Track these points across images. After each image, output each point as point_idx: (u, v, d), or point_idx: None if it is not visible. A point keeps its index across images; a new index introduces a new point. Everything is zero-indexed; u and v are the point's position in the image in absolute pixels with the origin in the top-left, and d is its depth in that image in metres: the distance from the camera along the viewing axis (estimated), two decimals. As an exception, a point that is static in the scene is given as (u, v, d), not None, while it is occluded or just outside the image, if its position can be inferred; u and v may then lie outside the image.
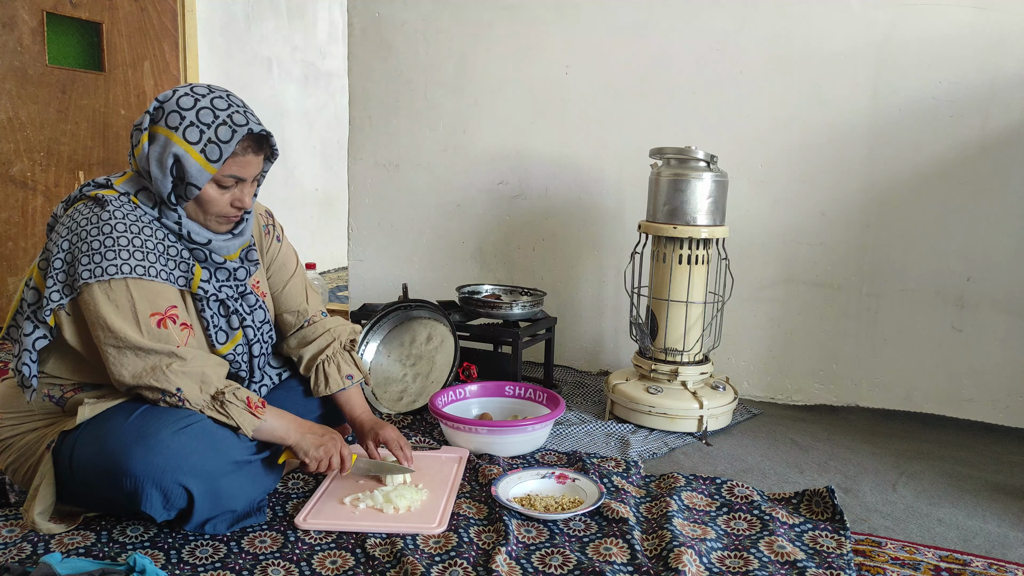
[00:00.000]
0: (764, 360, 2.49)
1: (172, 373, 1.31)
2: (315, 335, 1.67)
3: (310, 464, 1.47)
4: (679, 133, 2.45)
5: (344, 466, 1.52)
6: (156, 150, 1.34)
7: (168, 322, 1.33)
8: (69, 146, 3.10)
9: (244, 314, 1.51)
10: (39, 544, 1.34)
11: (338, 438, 1.52)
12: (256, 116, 1.40)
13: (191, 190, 1.35)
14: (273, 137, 1.42)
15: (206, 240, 1.41)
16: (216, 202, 1.38)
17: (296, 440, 1.45)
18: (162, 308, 1.34)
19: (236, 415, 1.36)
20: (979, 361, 2.25)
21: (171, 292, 1.37)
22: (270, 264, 1.64)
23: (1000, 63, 2.13)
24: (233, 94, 1.40)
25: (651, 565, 1.33)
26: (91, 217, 1.32)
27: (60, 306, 1.31)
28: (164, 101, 1.35)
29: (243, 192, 1.41)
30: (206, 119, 1.33)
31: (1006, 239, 2.19)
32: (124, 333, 1.29)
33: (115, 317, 1.29)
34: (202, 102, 1.34)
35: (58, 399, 1.38)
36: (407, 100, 2.85)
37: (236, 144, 1.34)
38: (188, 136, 1.32)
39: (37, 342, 1.33)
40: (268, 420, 1.41)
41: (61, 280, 1.30)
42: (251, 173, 1.41)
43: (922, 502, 1.69)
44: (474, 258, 2.85)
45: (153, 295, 1.33)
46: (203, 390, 1.34)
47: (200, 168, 1.33)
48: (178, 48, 3.47)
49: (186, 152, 1.32)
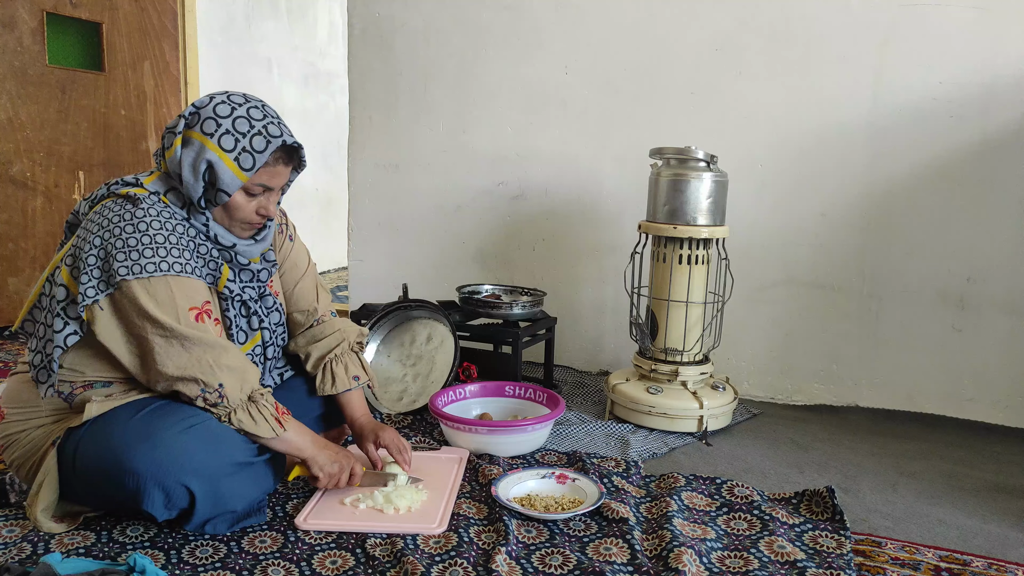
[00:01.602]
0: (764, 360, 2.49)
1: (218, 367, 1.32)
2: (324, 334, 1.68)
3: (322, 479, 1.47)
4: (679, 133, 2.45)
5: (353, 480, 1.53)
6: (190, 154, 1.35)
7: (204, 316, 1.35)
8: (69, 146, 3.10)
9: (263, 315, 1.53)
10: (39, 544, 1.34)
11: (350, 455, 1.54)
12: (289, 128, 1.42)
13: (221, 196, 1.38)
14: (304, 149, 1.45)
15: (231, 243, 1.44)
16: (243, 209, 1.41)
17: (312, 454, 1.46)
18: (199, 303, 1.35)
19: (267, 419, 1.38)
20: (980, 361, 2.25)
21: (204, 288, 1.39)
22: (283, 263, 1.66)
23: (1000, 63, 2.13)
24: (268, 105, 1.42)
25: (651, 565, 1.33)
26: (124, 214, 1.32)
27: (95, 302, 1.31)
28: (201, 107, 1.37)
29: (269, 200, 1.44)
30: (242, 128, 1.35)
31: (1006, 239, 2.19)
32: (170, 325, 1.30)
33: (158, 311, 1.30)
34: (239, 111, 1.36)
35: (66, 395, 1.39)
36: (407, 100, 2.86)
37: (269, 155, 1.37)
38: (223, 144, 1.34)
39: (68, 339, 1.33)
40: (289, 431, 1.42)
41: (96, 276, 1.31)
42: (279, 183, 1.44)
43: (922, 502, 1.69)
44: (474, 258, 2.85)
45: (191, 291, 1.35)
46: (242, 388, 1.36)
47: (233, 176, 1.36)
48: (178, 48, 3.46)
49: (220, 159, 1.34)
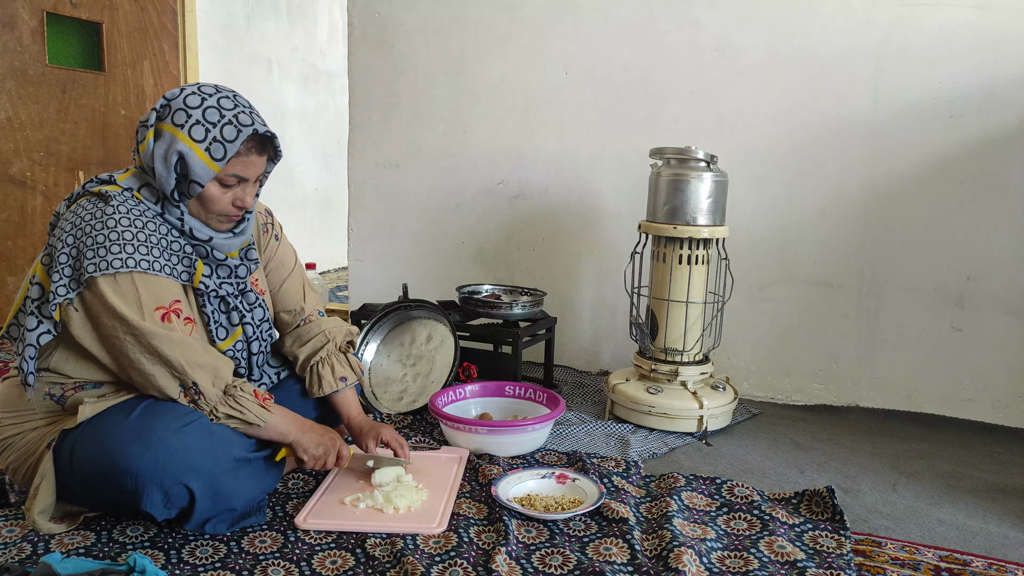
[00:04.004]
0: (764, 360, 2.49)
1: (188, 365, 1.32)
2: (310, 335, 1.68)
3: (308, 462, 1.48)
4: (679, 133, 2.45)
5: (341, 462, 1.53)
6: (161, 147, 1.35)
7: (172, 316, 1.35)
8: (69, 146, 3.10)
9: (244, 311, 1.52)
10: (39, 544, 1.34)
11: (336, 437, 1.54)
12: (261, 117, 1.41)
13: (194, 187, 1.36)
14: (277, 139, 1.44)
15: (207, 237, 1.42)
16: (218, 200, 1.40)
17: (296, 437, 1.46)
18: (166, 302, 1.35)
19: (248, 407, 1.38)
20: (979, 361, 2.25)
21: (174, 287, 1.38)
22: (268, 262, 1.65)
23: (1000, 63, 2.13)
24: (240, 95, 1.41)
25: (651, 565, 1.33)
26: (95, 212, 1.32)
27: (68, 300, 1.31)
28: (171, 99, 1.37)
29: (245, 192, 1.42)
30: (212, 118, 1.34)
31: (1006, 239, 2.19)
32: (136, 322, 1.30)
33: (125, 308, 1.30)
34: (209, 101, 1.35)
35: (58, 397, 1.38)
36: (407, 100, 2.85)
37: (241, 144, 1.36)
38: (193, 134, 1.34)
39: (41, 337, 1.33)
40: (275, 416, 1.43)
41: (67, 275, 1.31)
42: (254, 173, 1.42)
43: (922, 502, 1.69)
44: (474, 258, 2.85)
45: (158, 289, 1.34)
46: (215, 384, 1.36)
47: (204, 166, 1.35)
48: (178, 48, 3.46)
49: (191, 150, 1.33)
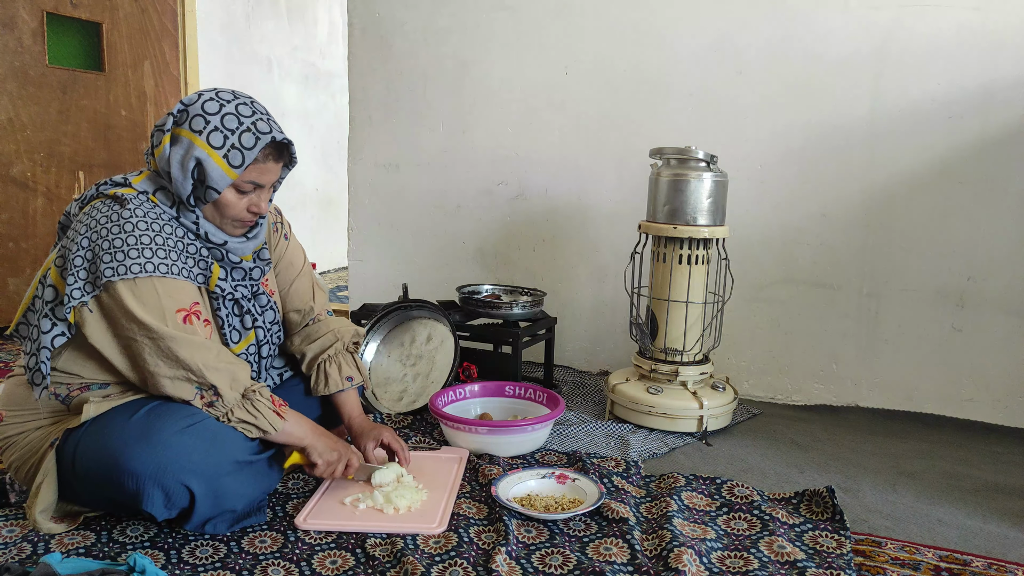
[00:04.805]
0: (764, 360, 2.49)
1: (207, 369, 1.32)
2: (319, 334, 1.68)
3: (320, 467, 1.48)
4: (679, 133, 2.45)
5: (348, 471, 1.54)
6: (178, 152, 1.35)
7: (192, 318, 1.35)
8: (70, 147, 3.10)
9: (256, 314, 1.53)
10: (39, 544, 1.34)
11: (348, 446, 1.55)
12: (278, 124, 1.42)
13: (210, 193, 1.37)
14: (294, 145, 1.44)
15: (222, 241, 1.43)
16: (234, 206, 1.40)
17: (311, 442, 1.46)
18: (187, 304, 1.35)
19: (264, 414, 1.38)
20: (979, 361, 2.25)
21: (193, 289, 1.39)
22: (278, 262, 1.66)
23: (1000, 63, 2.13)
24: (257, 101, 1.41)
25: (651, 565, 1.33)
26: (111, 215, 1.32)
27: (82, 303, 1.31)
28: (189, 104, 1.37)
29: (260, 198, 1.43)
30: (231, 125, 1.35)
31: (1006, 239, 2.19)
32: (157, 327, 1.29)
33: (144, 313, 1.30)
34: (227, 108, 1.36)
35: (63, 397, 1.39)
36: (407, 100, 2.86)
37: (259, 151, 1.36)
38: (212, 141, 1.34)
39: (56, 339, 1.33)
40: (289, 421, 1.43)
41: (83, 278, 1.31)
42: (270, 180, 1.43)
43: (922, 502, 1.69)
44: (474, 258, 2.85)
45: (178, 292, 1.34)
46: (233, 387, 1.36)
47: (222, 173, 1.35)
48: (178, 48, 3.47)
49: (209, 156, 1.34)
